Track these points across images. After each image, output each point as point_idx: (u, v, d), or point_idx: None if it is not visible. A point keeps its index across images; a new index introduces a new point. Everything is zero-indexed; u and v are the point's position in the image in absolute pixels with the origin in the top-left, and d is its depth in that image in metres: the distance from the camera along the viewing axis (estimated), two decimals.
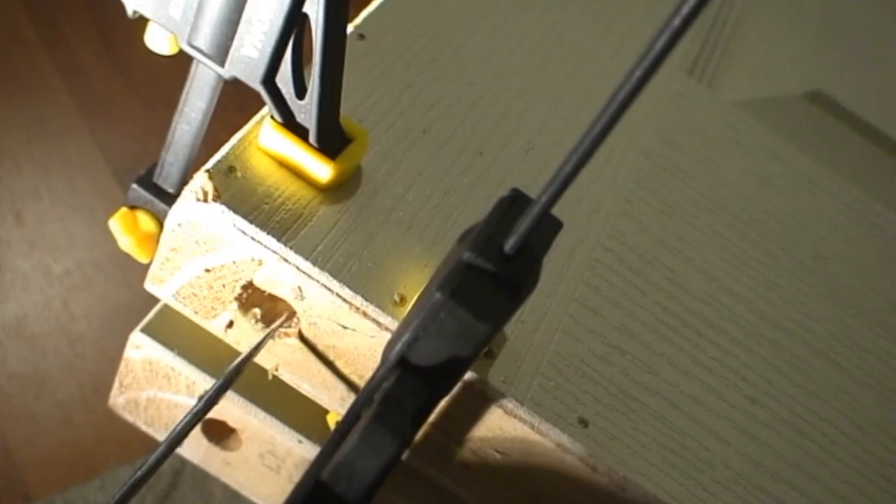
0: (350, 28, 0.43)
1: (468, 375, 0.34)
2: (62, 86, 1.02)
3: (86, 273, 0.87)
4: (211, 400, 0.33)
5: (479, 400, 0.34)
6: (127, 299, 0.86)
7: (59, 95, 1.01)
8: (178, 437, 0.33)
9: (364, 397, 0.24)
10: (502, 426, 0.34)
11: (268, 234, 0.33)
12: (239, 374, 0.34)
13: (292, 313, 0.36)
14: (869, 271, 0.49)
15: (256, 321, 0.36)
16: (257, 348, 0.35)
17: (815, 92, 0.59)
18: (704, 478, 0.36)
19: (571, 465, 0.34)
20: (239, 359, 0.34)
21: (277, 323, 0.35)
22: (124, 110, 1.02)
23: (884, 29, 0.68)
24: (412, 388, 0.24)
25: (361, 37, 0.42)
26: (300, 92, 0.35)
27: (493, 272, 0.25)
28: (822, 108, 0.59)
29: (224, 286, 0.35)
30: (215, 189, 0.34)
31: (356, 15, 0.44)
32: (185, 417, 0.32)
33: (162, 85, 1.05)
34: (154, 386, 0.41)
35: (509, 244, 0.25)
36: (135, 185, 0.41)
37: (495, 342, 0.35)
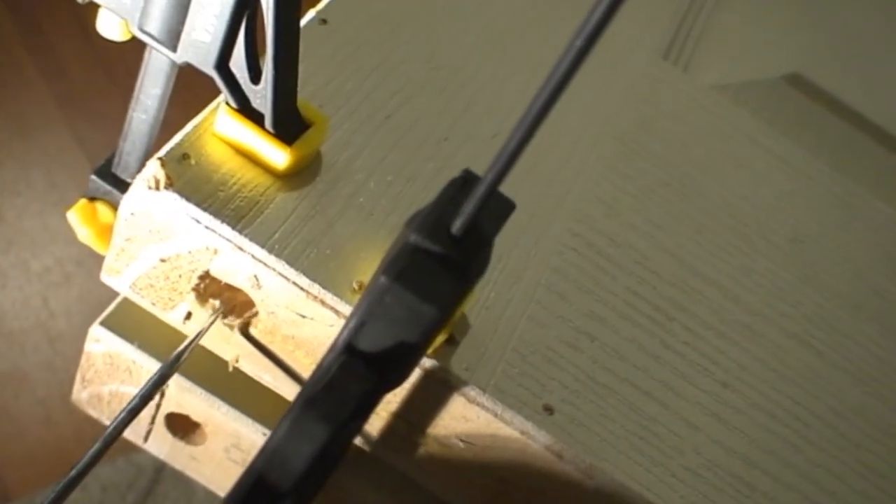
0: (313, 13, 0.42)
1: (429, 363, 0.33)
2: (41, 80, 1.01)
3: (65, 269, 0.86)
4: (148, 393, 0.33)
5: (441, 388, 0.33)
6: (107, 296, 0.85)
7: (39, 90, 1.00)
8: (118, 428, 0.32)
9: (310, 386, 0.23)
10: (466, 414, 0.34)
11: (222, 222, 0.33)
12: (179, 362, 0.33)
13: (251, 303, 0.35)
14: (846, 254, 0.49)
15: (215, 312, 0.35)
16: (196, 338, 0.34)
17: (793, 74, 0.58)
18: (674, 464, 0.35)
19: (537, 453, 0.33)
20: (177, 350, 0.34)
21: (213, 319, 0.34)
22: (104, 105, 1.01)
23: (863, 11, 0.68)
24: (356, 375, 0.23)
25: (324, 21, 0.42)
26: (255, 77, 0.34)
27: (441, 254, 0.24)
28: (801, 91, 0.58)
29: (180, 276, 0.34)
30: (167, 177, 0.33)
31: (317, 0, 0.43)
32: (123, 409, 0.31)
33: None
34: (116, 380, 0.40)
35: (456, 225, 0.24)
36: (93, 176, 0.40)
37: (457, 329, 0.34)
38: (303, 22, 0.41)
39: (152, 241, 0.34)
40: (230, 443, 0.40)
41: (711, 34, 0.58)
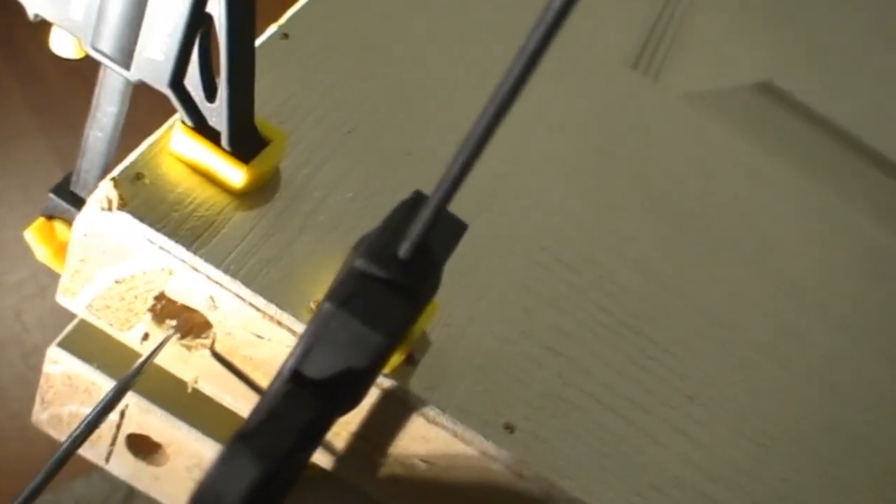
0: (274, 27, 0.42)
1: (388, 383, 0.32)
2: (17, 89, 1.00)
3: (39, 282, 0.85)
4: (99, 415, 0.32)
5: (400, 408, 0.33)
6: None
7: (14, 99, 0.99)
8: (72, 446, 0.31)
9: (253, 415, 0.23)
10: (425, 435, 0.33)
11: (177, 242, 0.32)
12: (132, 381, 0.33)
13: (208, 324, 0.34)
14: (818, 264, 0.49)
15: (172, 332, 0.35)
16: (149, 358, 0.34)
17: (764, 83, 0.58)
18: (638, 482, 0.35)
19: (498, 473, 0.33)
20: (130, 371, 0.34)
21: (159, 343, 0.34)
22: (80, 114, 1.01)
23: (834, 19, 0.68)
24: (300, 404, 0.23)
25: (286, 36, 0.41)
26: (210, 94, 0.33)
27: (387, 279, 0.24)
28: (772, 100, 0.58)
29: (136, 297, 0.34)
30: (121, 197, 0.32)
31: (281, 14, 0.42)
32: (77, 427, 0.30)
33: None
34: (75, 401, 0.39)
35: (404, 249, 0.24)
36: (51, 194, 0.40)
37: (417, 347, 0.33)
38: (264, 37, 0.41)
39: (107, 263, 0.33)
40: (192, 463, 0.39)
41: (682, 43, 0.58)
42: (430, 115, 0.42)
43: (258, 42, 0.40)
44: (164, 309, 0.34)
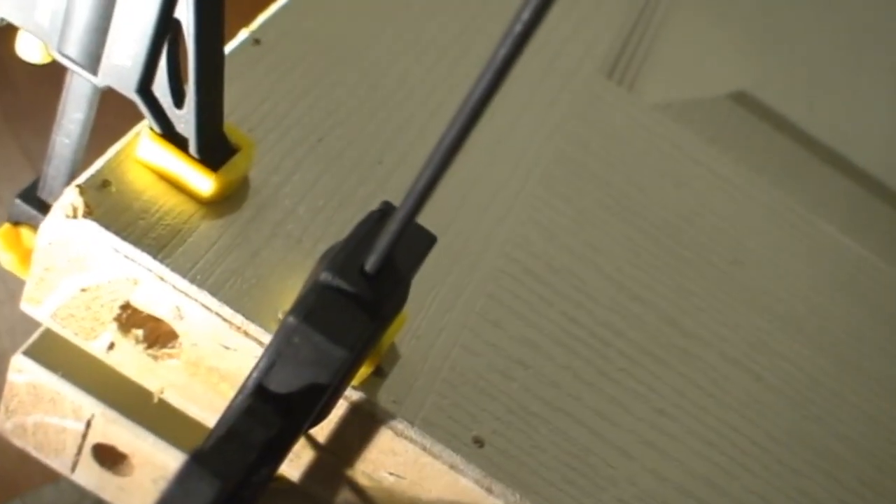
0: (246, 33, 0.41)
1: (356, 395, 0.32)
2: None
3: (9, 287, 0.84)
4: None
5: (368, 421, 0.33)
6: None
7: None
8: None
9: (216, 430, 0.23)
10: (394, 448, 0.33)
11: (142, 251, 0.32)
12: None
13: (175, 334, 0.34)
14: (788, 275, 0.49)
15: (138, 342, 0.34)
16: None
17: (739, 92, 0.58)
18: (606, 496, 0.35)
19: (466, 488, 0.33)
20: None
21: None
22: (53, 119, 1.00)
23: (810, 28, 0.68)
24: (261, 420, 0.22)
25: (257, 41, 0.41)
26: (178, 101, 0.33)
27: (352, 293, 0.24)
28: (747, 109, 0.58)
29: (102, 306, 0.33)
30: (86, 205, 0.32)
31: (253, 19, 0.42)
32: None
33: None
34: (40, 410, 0.39)
35: (370, 262, 0.24)
36: (17, 200, 0.39)
37: (385, 360, 0.33)
38: (235, 42, 0.40)
39: (72, 271, 0.33)
40: (158, 474, 0.39)
41: (657, 52, 0.58)
42: (403, 123, 0.42)
43: (229, 48, 0.40)
44: (130, 318, 0.34)
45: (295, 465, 0.35)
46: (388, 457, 0.33)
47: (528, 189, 0.43)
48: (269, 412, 0.23)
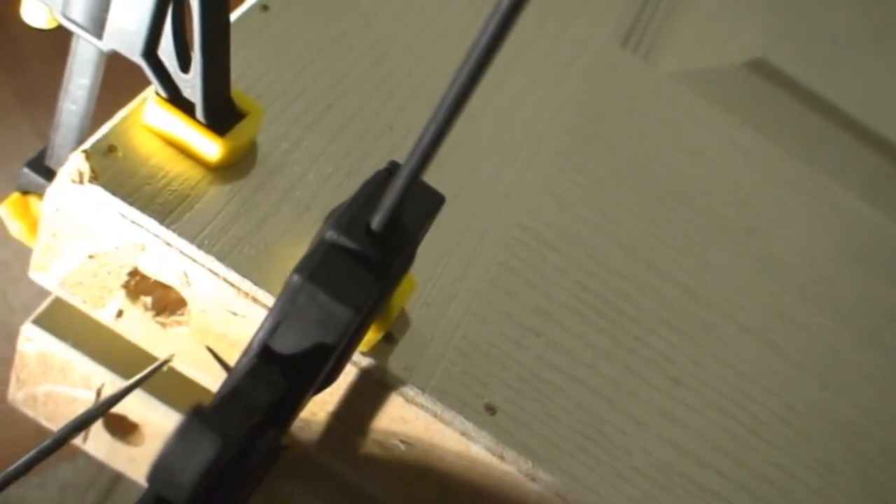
0: None
1: (366, 362, 0.32)
2: (2, 74, 0.99)
3: (25, 264, 0.84)
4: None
5: (379, 388, 0.32)
6: None
7: None
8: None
9: (221, 390, 0.22)
10: (404, 415, 0.32)
11: (149, 216, 0.31)
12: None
13: (183, 301, 0.34)
14: (805, 245, 0.48)
15: (147, 309, 0.34)
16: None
17: (756, 60, 0.57)
18: (620, 464, 0.34)
19: (478, 455, 0.32)
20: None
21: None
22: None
23: None
24: (265, 381, 0.22)
25: (265, 8, 0.40)
26: (184, 65, 0.32)
27: (358, 252, 0.23)
28: (764, 77, 0.57)
29: (109, 273, 0.33)
30: (92, 170, 0.31)
31: None
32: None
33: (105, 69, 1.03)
34: (50, 380, 0.39)
35: (376, 221, 0.23)
36: (25, 169, 0.39)
37: (396, 326, 0.33)
38: (243, 8, 0.40)
39: (79, 238, 0.33)
40: None
41: (673, 20, 0.57)
42: (413, 90, 0.41)
43: (237, 13, 0.39)
44: (139, 285, 0.34)
45: (306, 433, 0.35)
46: (399, 424, 0.33)
47: (541, 158, 0.43)
48: (274, 373, 0.22)
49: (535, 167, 0.42)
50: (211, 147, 0.33)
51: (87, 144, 0.32)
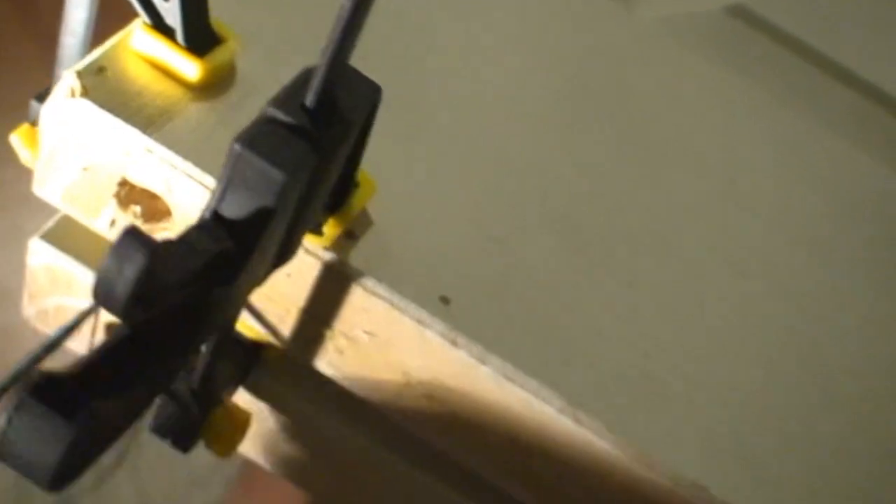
0: None
1: (328, 256, 0.35)
2: (33, 51, 1.04)
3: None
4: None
5: (341, 280, 0.35)
6: None
7: (30, 60, 1.02)
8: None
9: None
10: (366, 305, 0.35)
11: (133, 126, 0.35)
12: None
13: (169, 210, 0.37)
14: (788, 189, 0.50)
15: (136, 217, 0.37)
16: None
17: (736, 5, 0.59)
18: (568, 352, 0.37)
19: (432, 341, 0.35)
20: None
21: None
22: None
23: None
24: (211, 235, 0.25)
25: None
26: None
27: (290, 124, 0.26)
28: (745, 22, 0.59)
29: (102, 184, 0.37)
30: (83, 87, 0.35)
31: None
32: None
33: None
34: (58, 293, 0.42)
35: (309, 98, 0.26)
36: (34, 102, 0.42)
37: (357, 224, 0.36)
38: None
39: (73, 151, 0.36)
40: None
41: None
42: (396, 14, 0.44)
43: None
44: (128, 195, 0.37)
45: (283, 332, 0.38)
46: (362, 315, 0.36)
47: (524, 104, 0.45)
48: (221, 230, 0.26)
49: (517, 113, 0.45)
50: (190, 67, 0.36)
51: (80, 65, 0.36)
